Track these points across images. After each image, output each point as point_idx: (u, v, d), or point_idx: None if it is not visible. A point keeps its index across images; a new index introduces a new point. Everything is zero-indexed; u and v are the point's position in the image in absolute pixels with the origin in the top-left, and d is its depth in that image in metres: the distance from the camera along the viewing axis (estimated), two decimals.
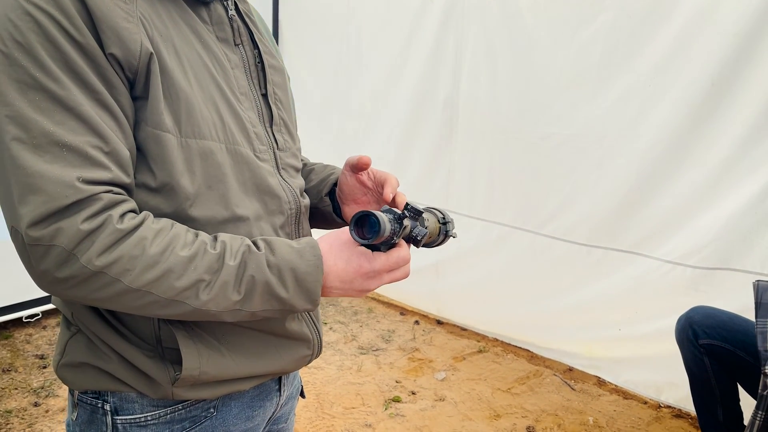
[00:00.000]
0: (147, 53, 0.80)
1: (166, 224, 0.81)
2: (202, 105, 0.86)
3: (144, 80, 0.81)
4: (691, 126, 2.57)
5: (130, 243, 0.76)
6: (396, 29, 3.59)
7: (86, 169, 0.75)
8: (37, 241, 0.72)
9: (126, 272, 0.75)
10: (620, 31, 2.71)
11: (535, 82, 3.03)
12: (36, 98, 0.73)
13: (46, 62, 0.74)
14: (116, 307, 0.80)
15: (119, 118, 0.79)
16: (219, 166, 0.87)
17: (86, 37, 0.76)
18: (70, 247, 0.73)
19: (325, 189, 1.17)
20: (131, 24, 0.79)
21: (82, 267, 0.74)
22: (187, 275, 0.78)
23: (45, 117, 0.73)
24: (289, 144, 1.03)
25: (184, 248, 0.79)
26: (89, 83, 0.76)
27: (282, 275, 0.83)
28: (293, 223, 1.00)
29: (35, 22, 0.74)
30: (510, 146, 3.20)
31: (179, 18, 0.88)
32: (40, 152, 0.73)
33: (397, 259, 0.90)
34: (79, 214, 0.73)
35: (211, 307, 0.80)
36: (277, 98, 1.02)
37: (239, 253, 0.82)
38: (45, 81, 0.74)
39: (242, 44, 0.97)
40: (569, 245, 3.07)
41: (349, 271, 0.87)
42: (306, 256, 0.85)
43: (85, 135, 0.75)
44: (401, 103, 3.65)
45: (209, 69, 0.89)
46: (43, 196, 0.72)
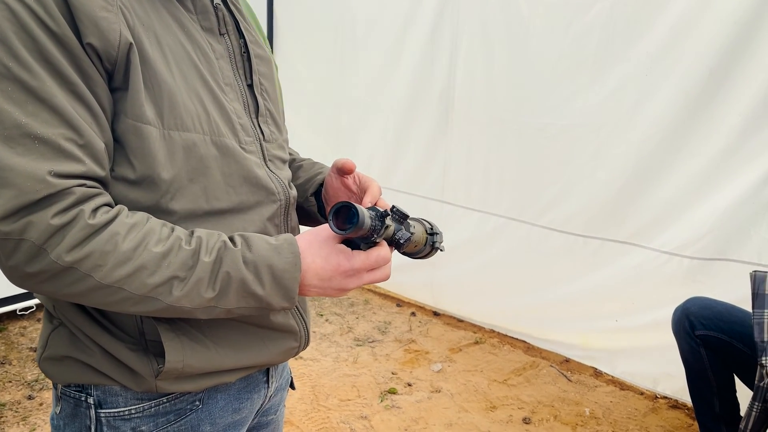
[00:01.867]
0: (126, 43, 0.78)
1: (141, 219, 0.79)
2: (186, 96, 0.84)
3: (123, 71, 0.78)
4: (688, 116, 2.55)
5: (102, 238, 0.74)
6: (392, 19, 3.56)
7: (59, 162, 0.73)
8: (7, 236, 0.71)
9: (97, 268, 0.74)
10: (617, 19, 2.68)
11: (531, 71, 3.00)
12: (8, 89, 0.71)
13: (19, 52, 0.72)
14: (88, 303, 0.78)
15: (95, 110, 0.77)
16: (201, 159, 0.85)
17: (62, 27, 0.73)
18: (40, 241, 0.71)
19: (311, 189, 1.15)
20: (110, 13, 0.77)
21: (52, 262, 0.72)
22: (160, 272, 0.76)
23: (17, 108, 0.71)
24: (275, 135, 1.01)
25: (158, 244, 0.77)
26: (64, 74, 0.74)
27: (258, 272, 0.81)
28: (282, 214, 0.98)
29: (10, 10, 0.72)
30: (506, 137, 3.18)
31: (162, 7, 0.86)
32: (11, 144, 0.71)
33: (377, 258, 0.87)
34: (50, 209, 0.71)
35: (185, 304, 0.79)
36: (263, 89, 1.00)
37: (215, 249, 0.80)
38: (18, 71, 0.72)
39: (227, 33, 0.95)
40: (566, 236, 3.06)
41: (328, 269, 0.85)
42: (284, 253, 0.83)
43: (59, 127, 0.73)
44: (397, 93, 3.62)
45: (192, 59, 0.87)
46: (13, 190, 0.70)
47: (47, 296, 0.88)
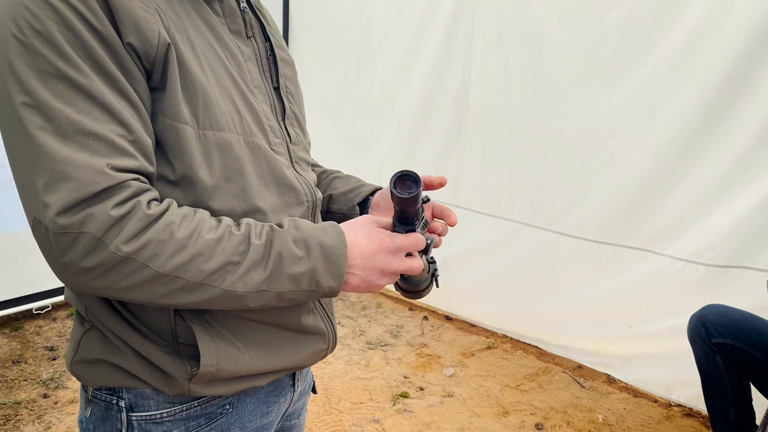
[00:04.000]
0: (165, 43, 0.78)
1: (189, 211, 0.80)
2: (219, 97, 0.85)
3: (161, 71, 0.79)
4: (704, 122, 2.54)
5: (159, 227, 0.74)
6: (407, 23, 3.57)
7: (114, 157, 0.73)
8: (65, 229, 0.70)
9: (154, 257, 0.74)
10: (633, 25, 2.67)
11: (546, 76, 3.00)
12: (58, 87, 0.72)
13: (66, 51, 0.72)
14: (141, 297, 0.77)
15: (139, 107, 0.78)
16: (237, 159, 0.86)
17: (106, 26, 0.74)
18: (100, 233, 0.71)
19: (357, 198, 1.16)
20: (149, 14, 0.78)
21: (110, 254, 0.72)
22: (215, 257, 0.77)
23: (68, 106, 0.72)
24: (300, 138, 1.02)
25: (210, 231, 0.78)
26: (109, 72, 0.75)
27: (309, 248, 0.82)
28: (310, 216, 0.99)
29: (54, 10, 0.72)
30: (520, 141, 3.18)
31: (193, 10, 0.87)
32: (67, 141, 0.71)
33: (415, 239, 0.90)
34: (109, 200, 0.72)
35: (239, 288, 0.79)
36: (288, 92, 1.01)
37: (264, 232, 0.82)
38: (66, 69, 0.72)
39: (254, 37, 0.96)
40: (580, 242, 3.05)
41: (372, 246, 0.87)
42: (329, 232, 0.85)
43: (110, 123, 0.74)
44: (411, 97, 3.63)
45: (223, 61, 0.88)
46: (73, 183, 0.70)
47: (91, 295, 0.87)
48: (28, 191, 0.73)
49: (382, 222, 0.91)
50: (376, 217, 0.92)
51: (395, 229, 0.91)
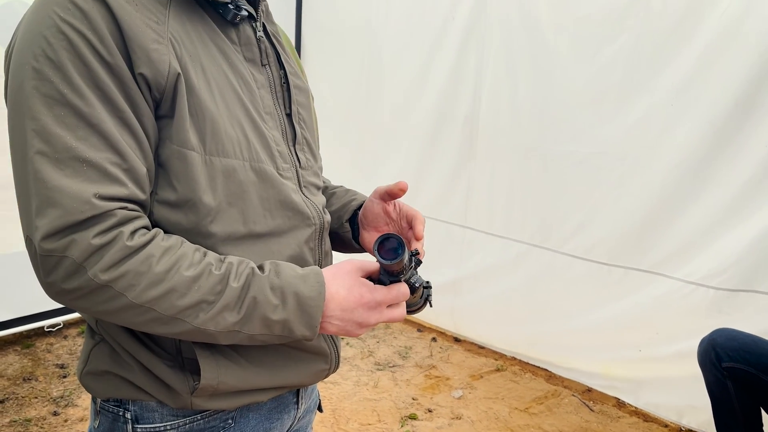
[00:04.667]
0: (175, 74, 0.82)
1: (176, 242, 0.82)
2: (227, 124, 0.87)
3: (171, 99, 0.82)
4: (713, 146, 2.55)
5: (138, 260, 0.77)
6: (417, 46, 3.62)
7: (104, 184, 0.76)
8: (49, 252, 0.74)
9: (130, 287, 0.77)
10: (642, 50, 2.70)
11: (555, 100, 3.02)
12: (61, 113, 0.75)
13: (74, 79, 0.76)
14: (118, 321, 0.81)
15: (140, 137, 0.81)
16: (240, 184, 0.89)
17: (115, 57, 0.78)
18: (80, 259, 0.74)
19: (346, 215, 1.18)
20: (161, 45, 0.81)
21: (89, 279, 0.75)
22: (189, 295, 0.79)
23: (68, 132, 0.75)
24: (311, 163, 1.04)
25: (190, 268, 0.80)
26: (114, 102, 0.78)
27: (285, 297, 0.84)
28: (317, 238, 1.01)
29: (68, 40, 0.76)
30: (530, 163, 3.19)
31: (208, 38, 0.90)
32: (61, 166, 0.75)
33: (397, 293, 0.91)
34: (92, 229, 0.75)
35: (210, 327, 0.81)
36: (300, 118, 1.03)
37: (243, 274, 0.83)
38: (71, 97, 0.76)
39: (269, 65, 0.99)
40: (589, 264, 3.05)
41: (351, 300, 0.88)
42: (309, 282, 0.86)
43: (105, 151, 0.77)
44: (421, 119, 3.66)
45: (235, 89, 0.91)
46: (60, 210, 0.74)
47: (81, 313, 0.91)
48: (25, 211, 0.77)
49: (366, 269, 0.92)
50: (362, 264, 0.93)
51: (381, 277, 0.91)
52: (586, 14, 2.86)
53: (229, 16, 0.92)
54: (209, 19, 0.92)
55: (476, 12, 3.30)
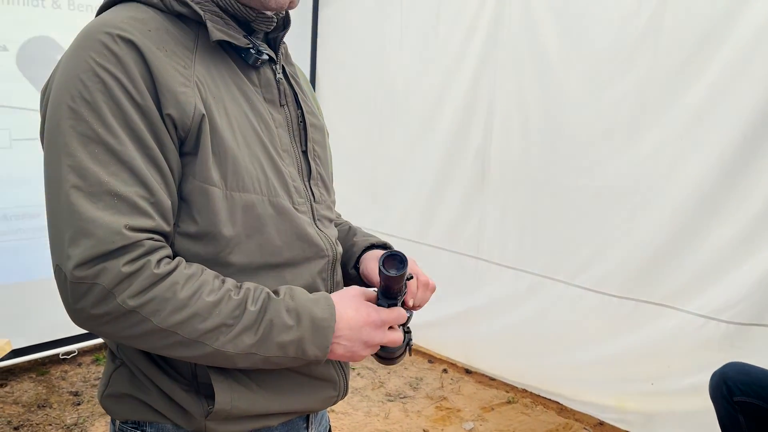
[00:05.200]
0: (199, 115, 0.87)
1: (197, 270, 0.87)
2: (247, 161, 0.93)
3: (195, 138, 0.88)
4: (723, 180, 2.57)
5: (163, 286, 0.82)
6: (430, 81, 3.69)
7: (133, 217, 0.82)
8: (81, 280, 0.79)
9: (156, 313, 0.82)
10: (651, 85, 2.75)
11: (566, 134, 3.07)
12: (95, 150, 0.81)
13: (108, 119, 0.82)
14: (142, 346, 0.86)
15: (165, 172, 0.87)
16: (259, 217, 0.94)
17: (146, 100, 0.84)
18: (110, 286, 0.79)
19: (350, 263, 1.23)
20: (188, 89, 0.87)
21: (117, 306, 0.80)
22: (211, 319, 0.84)
23: (101, 168, 0.81)
24: (324, 197, 1.10)
25: (211, 294, 0.85)
26: (143, 140, 0.84)
27: (299, 318, 0.90)
28: (329, 269, 1.06)
29: (103, 83, 0.82)
30: (541, 197, 3.23)
31: (231, 81, 0.96)
32: (94, 200, 0.80)
33: (398, 314, 0.99)
34: (122, 258, 0.80)
35: (229, 349, 0.86)
36: (315, 154, 1.09)
37: (260, 299, 0.89)
38: (105, 136, 0.81)
39: (287, 105, 1.05)
40: (601, 296, 3.06)
41: (359, 319, 0.95)
42: (321, 304, 0.93)
43: (135, 186, 0.83)
44: (434, 152, 3.72)
45: (255, 128, 0.96)
46: (93, 240, 0.79)
47: (106, 338, 0.96)
48: (57, 241, 0.82)
49: (368, 294, 1.00)
50: (363, 289, 1.00)
51: (379, 302, 0.99)
52: (596, 51, 2.92)
53: (250, 60, 0.98)
54: (232, 62, 0.98)
55: (488, 48, 3.37)
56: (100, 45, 0.84)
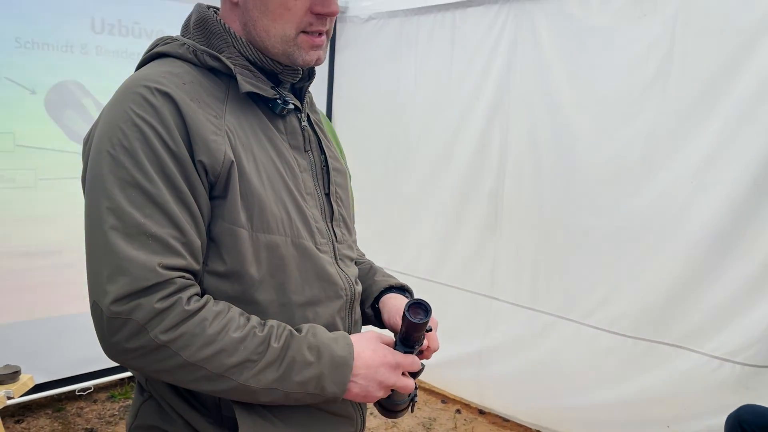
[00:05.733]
0: (229, 161, 0.94)
1: (224, 307, 0.92)
2: (273, 204, 0.99)
3: (224, 183, 0.94)
4: (734, 222, 2.59)
5: (193, 323, 0.87)
6: (444, 122, 3.77)
7: (166, 256, 0.88)
8: (116, 315, 0.85)
9: (186, 348, 0.87)
10: (661, 129, 2.80)
11: (578, 175, 3.12)
12: (132, 194, 0.88)
13: (144, 165, 0.88)
14: (171, 379, 0.91)
15: (196, 215, 0.93)
16: (282, 258, 0.99)
17: (180, 147, 0.90)
18: (143, 321, 0.85)
19: (367, 303, 1.27)
20: (218, 137, 0.94)
21: (150, 340, 0.85)
22: (237, 354, 0.89)
23: (137, 210, 0.87)
24: (346, 237, 1.15)
25: (237, 330, 0.90)
26: (177, 185, 0.90)
27: (320, 355, 0.94)
28: (348, 307, 1.10)
29: (141, 132, 0.89)
30: (554, 237, 3.26)
31: (259, 129, 1.03)
32: (131, 240, 0.86)
33: (413, 360, 1.04)
34: (156, 295, 0.85)
35: (252, 384, 0.90)
36: (338, 197, 1.15)
37: (283, 336, 0.93)
38: (142, 181, 0.88)
39: (311, 150, 1.11)
40: (614, 336, 3.06)
41: (375, 359, 0.99)
42: (340, 343, 0.97)
43: (168, 227, 0.89)
44: (447, 192, 3.77)
45: (281, 173, 1.02)
46: (129, 277, 0.85)
47: (137, 372, 1.01)
48: (95, 278, 0.88)
49: (385, 338, 1.05)
50: (380, 333, 1.06)
51: (396, 347, 1.04)
52: (606, 95, 2.98)
53: (277, 109, 1.05)
54: (260, 111, 1.04)
55: (500, 92, 3.46)
56: (139, 97, 0.91)
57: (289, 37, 1.02)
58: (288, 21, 1.01)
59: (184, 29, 1.07)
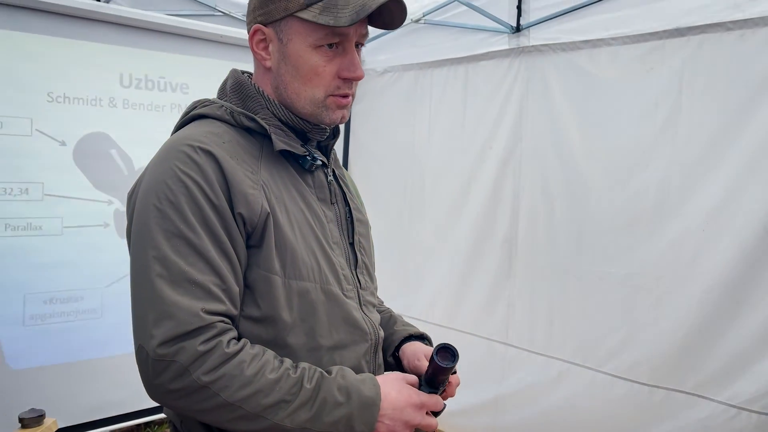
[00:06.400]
0: (265, 213, 1.02)
1: (260, 350, 0.99)
2: (304, 253, 1.06)
3: (261, 233, 1.02)
4: (746, 270, 2.62)
5: (233, 365, 0.94)
6: (457, 171, 3.85)
7: (208, 301, 0.95)
8: (162, 357, 0.91)
9: (225, 388, 0.93)
10: (671, 178, 2.86)
11: (590, 223, 3.17)
12: (177, 244, 0.95)
13: (189, 217, 0.96)
14: (209, 419, 0.96)
15: (235, 263, 1.00)
16: (312, 303, 1.06)
17: (221, 200, 0.98)
18: (187, 363, 0.91)
19: (389, 351, 1.34)
20: (256, 191, 1.02)
21: (192, 381, 0.91)
22: (272, 395, 0.95)
23: (182, 259, 0.95)
24: (368, 284, 1.22)
25: (272, 372, 0.96)
26: (217, 235, 0.98)
27: (349, 396, 0.99)
28: (372, 351, 1.16)
29: (186, 187, 0.97)
30: (568, 283, 3.29)
31: (290, 183, 1.11)
32: (175, 287, 0.93)
33: (437, 401, 1.09)
34: (199, 338, 0.92)
35: (287, 423, 0.96)
36: (361, 246, 1.22)
37: (314, 377, 0.99)
38: (186, 231, 0.96)
39: (337, 203, 1.19)
40: (630, 384, 3.06)
41: (401, 400, 1.04)
42: (368, 384, 1.03)
43: (210, 275, 0.96)
44: (461, 239, 3.83)
45: (310, 223, 1.10)
46: (174, 322, 0.92)
47: (178, 412, 1.06)
48: (140, 323, 0.94)
49: (409, 379, 1.10)
50: (405, 375, 1.11)
51: (421, 387, 1.09)
52: (616, 145, 3.06)
53: (306, 165, 1.13)
54: (291, 167, 1.13)
55: (512, 142, 3.55)
56: (184, 155, 1.00)
57: (318, 99, 1.11)
58: (317, 85, 1.10)
59: (220, 92, 1.17)
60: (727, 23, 2.67)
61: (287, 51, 1.09)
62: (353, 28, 1.09)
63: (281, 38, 1.09)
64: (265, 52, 1.12)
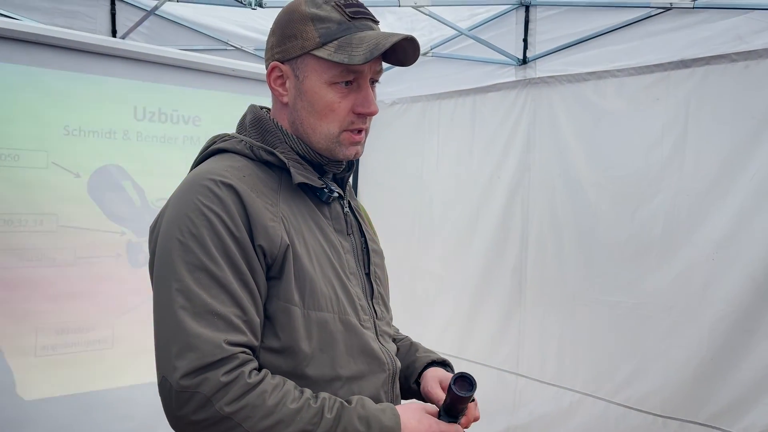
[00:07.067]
0: (285, 245, 1.04)
1: (280, 381, 1.00)
2: (322, 283, 1.08)
3: (280, 265, 1.04)
4: (756, 299, 2.62)
5: (254, 395, 0.95)
6: (466, 201, 3.88)
7: (230, 333, 0.96)
8: (185, 389, 0.92)
9: (248, 419, 0.94)
10: (680, 207, 2.87)
11: (599, 252, 3.17)
12: (200, 276, 0.97)
13: (211, 250, 0.98)
14: None
15: (255, 295, 1.02)
16: (331, 333, 1.08)
17: (242, 233, 1.01)
18: (209, 394, 0.92)
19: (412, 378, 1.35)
20: (275, 223, 1.05)
21: (215, 411, 0.92)
22: (294, 425, 0.96)
23: (204, 291, 0.97)
24: (384, 314, 1.24)
25: (293, 402, 0.98)
26: (239, 267, 1.00)
27: (369, 425, 1.00)
28: (390, 382, 1.17)
29: (208, 220, 1.00)
30: (578, 313, 3.29)
31: (308, 215, 1.13)
32: (198, 318, 0.95)
33: (456, 429, 1.10)
34: (221, 369, 0.94)
35: None
36: (376, 276, 1.24)
37: (335, 407, 1.00)
38: (208, 264, 0.98)
39: (353, 234, 1.22)
40: (644, 415, 3.03)
41: (421, 429, 1.05)
42: (387, 413, 1.04)
43: (232, 307, 0.98)
44: (471, 269, 3.84)
45: (327, 254, 1.12)
46: (197, 353, 0.93)
47: None
48: (163, 354, 0.96)
49: (428, 409, 1.11)
50: (425, 404, 1.12)
51: (440, 416, 1.10)
52: (624, 175, 3.08)
53: (324, 197, 1.16)
54: (308, 199, 1.15)
55: (520, 172, 3.58)
56: (205, 189, 1.02)
57: (333, 134, 1.14)
58: (332, 120, 1.13)
59: (239, 127, 1.20)
60: (732, 54, 2.71)
61: (303, 87, 1.13)
62: (367, 66, 1.12)
63: (298, 75, 1.13)
64: (282, 89, 1.15)
